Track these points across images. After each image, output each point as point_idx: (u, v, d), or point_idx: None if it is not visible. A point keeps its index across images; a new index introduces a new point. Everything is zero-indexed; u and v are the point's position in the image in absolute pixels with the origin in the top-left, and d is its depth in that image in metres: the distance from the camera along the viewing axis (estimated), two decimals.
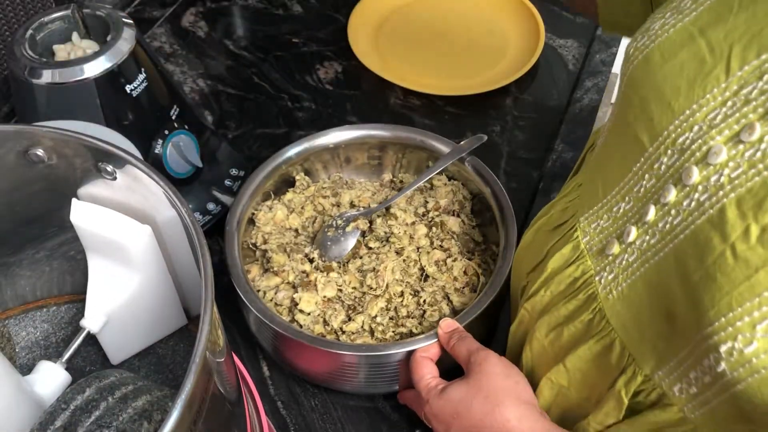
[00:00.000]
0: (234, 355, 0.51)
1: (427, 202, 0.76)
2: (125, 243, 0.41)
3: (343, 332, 0.67)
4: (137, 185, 0.40)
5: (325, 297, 0.68)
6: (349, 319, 0.67)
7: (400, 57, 1.03)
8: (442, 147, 0.78)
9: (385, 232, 0.73)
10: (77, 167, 0.41)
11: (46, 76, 0.68)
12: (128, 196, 0.41)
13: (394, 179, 0.83)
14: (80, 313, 0.51)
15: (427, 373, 0.60)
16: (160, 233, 0.43)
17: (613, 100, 1.05)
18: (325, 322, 0.67)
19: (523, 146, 0.93)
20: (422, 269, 0.71)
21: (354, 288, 0.70)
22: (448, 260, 0.71)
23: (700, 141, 0.42)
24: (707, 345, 0.39)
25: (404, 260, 0.71)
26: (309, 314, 0.67)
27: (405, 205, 0.76)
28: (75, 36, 0.74)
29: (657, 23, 0.47)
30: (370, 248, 0.73)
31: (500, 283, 0.65)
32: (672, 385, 0.44)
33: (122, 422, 0.35)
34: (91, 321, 0.43)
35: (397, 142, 0.79)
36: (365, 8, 1.08)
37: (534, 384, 0.56)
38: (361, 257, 0.72)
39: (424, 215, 0.76)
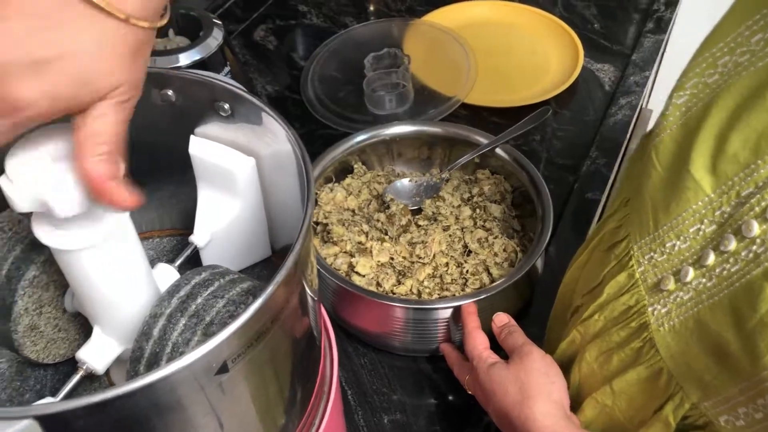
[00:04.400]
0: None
1: (471, 190, 0.85)
2: (233, 171, 0.50)
3: (394, 294, 0.75)
4: (246, 122, 0.50)
5: (379, 262, 0.76)
6: (399, 283, 0.75)
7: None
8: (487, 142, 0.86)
9: (433, 213, 0.82)
10: (197, 106, 0.50)
11: None
12: (236, 134, 0.51)
13: (442, 175, 0.91)
14: (179, 244, 0.60)
15: (480, 343, 0.65)
16: (262, 167, 0.52)
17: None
18: (378, 284, 0.75)
19: (560, 154, 1.01)
20: (466, 246, 0.79)
21: (404, 258, 0.78)
22: (490, 237, 0.79)
23: (758, 196, 0.42)
24: (764, 387, 0.42)
25: (450, 236, 0.79)
26: (364, 276, 0.76)
27: (452, 191, 0.85)
28: (171, 32, 0.86)
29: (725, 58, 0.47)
30: (419, 226, 0.81)
31: (537, 255, 0.73)
32: (718, 415, 0.46)
33: (232, 296, 0.43)
34: (199, 238, 0.52)
35: (447, 137, 0.88)
36: (421, 30, 1.19)
37: (578, 403, 0.59)
38: (411, 232, 0.80)
39: (469, 200, 0.84)
